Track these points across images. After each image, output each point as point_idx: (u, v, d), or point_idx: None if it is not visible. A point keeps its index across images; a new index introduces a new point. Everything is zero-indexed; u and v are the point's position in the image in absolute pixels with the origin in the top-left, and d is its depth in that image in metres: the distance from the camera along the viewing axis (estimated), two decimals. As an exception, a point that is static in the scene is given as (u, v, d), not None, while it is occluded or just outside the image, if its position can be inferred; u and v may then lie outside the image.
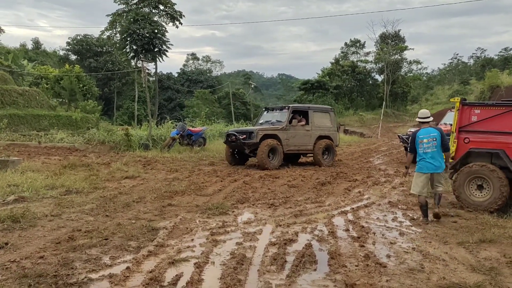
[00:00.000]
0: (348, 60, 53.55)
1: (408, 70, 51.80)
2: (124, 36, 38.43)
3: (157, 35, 38.50)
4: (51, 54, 56.58)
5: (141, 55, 37.45)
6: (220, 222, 6.21)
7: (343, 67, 50.39)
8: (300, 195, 8.61)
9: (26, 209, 6.37)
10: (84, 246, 4.88)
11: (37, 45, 57.59)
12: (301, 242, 5.31)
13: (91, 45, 51.33)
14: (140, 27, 37.05)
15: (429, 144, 6.52)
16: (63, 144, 16.68)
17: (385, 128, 34.79)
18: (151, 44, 38.14)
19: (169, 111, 46.98)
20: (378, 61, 48.98)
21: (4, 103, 22.97)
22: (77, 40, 52.19)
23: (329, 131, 14.14)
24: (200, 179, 10.24)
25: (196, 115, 36.14)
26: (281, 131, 13.05)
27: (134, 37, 37.16)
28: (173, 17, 42.15)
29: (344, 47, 55.63)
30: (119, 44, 42.38)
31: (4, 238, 5.08)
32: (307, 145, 13.61)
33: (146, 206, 7.23)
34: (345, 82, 50.10)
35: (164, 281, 3.96)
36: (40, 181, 8.57)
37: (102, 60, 49.75)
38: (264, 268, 4.37)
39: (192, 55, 73.32)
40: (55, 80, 33.78)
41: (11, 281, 3.81)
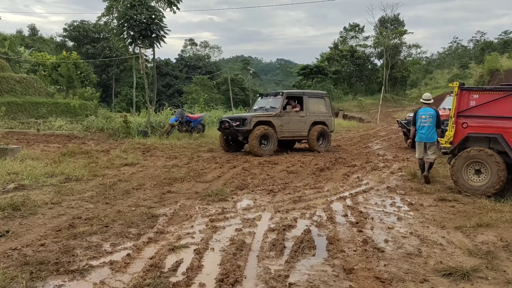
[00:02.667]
0: (347, 44, 53.28)
1: (407, 54, 51.59)
2: (121, 22, 38.12)
3: (155, 21, 38.18)
4: (48, 41, 56.15)
5: (139, 41, 37.16)
6: (220, 209, 6.25)
7: (342, 52, 50.16)
8: (299, 181, 8.65)
9: (26, 197, 6.39)
10: (84, 234, 4.92)
11: (34, 32, 57.16)
12: (300, 228, 5.36)
13: (88, 31, 51.03)
14: (137, 13, 36.73)
15: (426, 120, 8.40)
16: (62, 131, 16.68)
17: (384, 113, 34.80)
18: (148, 30, 37.84)
19: (167, 98, 46.85)
20: (377, 46, 48.76)
21: (2, 91, 22.89)
22: (74, 26, 51.85)
23: (324, 117, 14.06)
24: (199, 166, 10.27)
25: (194, 101, 36.08)
26: (275, 117, 12.98)
27: (131, 23, 36.87)
28: (170, 2, 41.74)
29: (343, 31, 55.32)
30: (116, 30, 42.08)
31: (5, 226, 5.11)
32: (302, 131, 13.55)
33: (146, 193, 7.27)
34: (344, 67, 49.96)
35: (164, 267, 4.00)
36: (39, 169, 8.59)
37: (100, 46, 49.49)
38: (263, 254, 4.42)
39: (190, 41, 72.89)
40: (52, 67, 33.59)
41: (13, 269, 3.85)
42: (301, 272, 3.98)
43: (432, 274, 3.95)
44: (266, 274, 3.89)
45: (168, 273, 3.89)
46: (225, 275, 3.79)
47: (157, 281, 3.67)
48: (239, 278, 3.76)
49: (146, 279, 3.70)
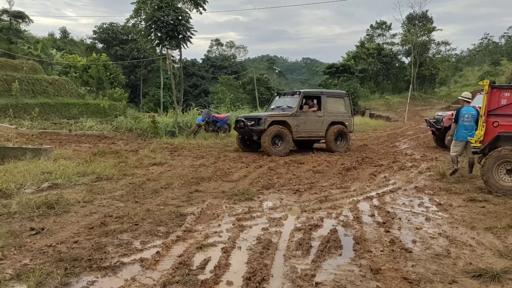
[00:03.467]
0: (374, 42, 52.58)
1: (436, 52, 50.58)
2: (149, 23, 38.51)
3: (181, 22, 38.41)
4: (78, 43, 57.58)
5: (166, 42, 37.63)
6: (246, 208, 6.32)
7: (368, 50, 49.55)
8: (325, 181, 8.64)
9: (59, 195, 6.61)
10: (115, 231, 5.06)
11: (65, 34, 58.71)
12: (326, 228, 5.36)
13: (117, 33, 52.02)
14: (164, 14, 37.07)
15: (468, 119, 8.52)
16: (93, 131, 17.10)
17: (412, 112, 34.20)
18: (175, 31, 38.10)
19: (194, 98, 47.36)
20: (405, 43, 47.95)
21: (35, 92, 23.63)
22: (103, 29, 52.97)
23: (343, 117, 13.79)
24: (226, 165, 10.36)
25: (220, 101, 36.32)
26: (290, 117, 12.81)
27: (158, 24, 37.19)
28: (196, 3, 41.98)
29: (370, 29, 54.64)
30: (144, 32, 42.55)
31: (41, 224, 5.31)
32: (319, 132, 13.34)
33: (174, 192, 7.40)
34: (371, 65, 49.34)
35: (192, 265, 4.09)
36: (71, 168, 8.85)
37: (128, 48, 50.40)
38: (289, 253, 4.45)
39: (216, 41, 73.31)
40: (83, 68, 34.46)
41: (48, 265, 4.01)
42: (327, 272, 4.00)
43: (461, 275, 3.90)
44: (293, 273, 3.93)
45: (196, 270, 3.97)
46: (252, 273, 3.84)
47: (185, 278, 3.75)
48: (266, 276, 3.80)
49: (175, 276, 3.79)
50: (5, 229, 5.03)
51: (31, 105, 20.95)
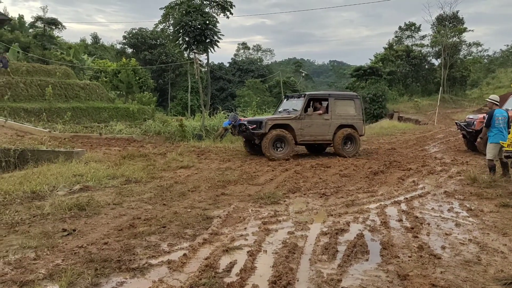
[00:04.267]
0: (402, 44, 51.75)
1: (467, 53, 49.28)
2: (177, 28, 39.28)
3: (209, 26, 39.02)
4: (108, 48, 58.95)
5: (193, 47, 38.15)
6: (272, 211, 6.33)
7: (397, 52, 48.80)
8: (352, 185, 8.56)
9: (90, 197, 6.79)
10: (144, 233, 5.16)
11: (96, 40, 60.19)
12: (353, 232, 5.32)
13: (146, 38, 52.98)
14: (192, 19, 37.71)
15: (502, 121, 8.54)
16: (122, 135, 17.45)
17: (442, 115, 33.46)
18: (202, 35, 38.73)
19: (221, 101, 47.73)
20: (435, 45, 46.97)
21: (68, 97, 24.32)
22: (132, 34, 54.05)
23: (353, 120, 13.32)
24: (252, 169, 10.40)
25: (247, 104, 36.50)
26: (294, 120, 12.53)
27: (186, 29, 37.89)
28: (223, 8, 42.51)
29: (398, 31, 53.79)
30: (172, 36, 43.39)
31: (72, 225, 5.47)
32: (325, 135, 12.95)
33: (201, 195, 7.48)
34: (400, 67, 48.55)
35: (219, 268, 4.13)
36: (102, 171, 9.06)
37: (156, 52, 51.24)
38: (315, 257, 4.44)
39: (243, 45, 73.83)
40: (113, 73, 35.26)
41: (79, 265, 4.12)
42: (354, 277, 3.97)
43: (492, 283, 3.81)
44: (319, 277, 3.92)
45: (223, 273, 4.01)
46: (278, 277, 3.85)
47: (212, 281, 3.79)
48: (291, 280, 3.81)
49: (201, 278, 3.84)
50: (38, 230, 5.21)
51: (63, 109, 21.59)
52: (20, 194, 7.01)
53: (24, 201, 6.67)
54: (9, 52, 30.24)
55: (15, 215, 5.82)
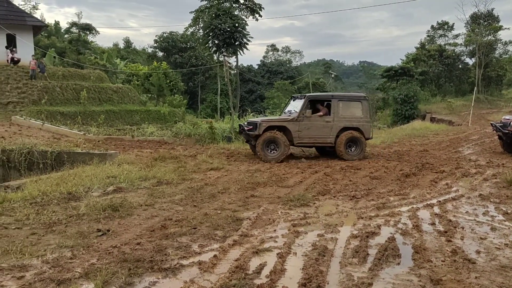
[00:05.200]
0: (435, 44, 50.62)
1: (503, 52, 47.65)
2: (207, 31, 39.81)
3: (238, 29, 39.37)
4: (140, 52, 60.17)
5: (223, 49, 38.51)
6: (302, 214, 6.32)
7: (429, 52, 47.77)
8: (382, 187, 8.45)
9: (123, 199, 6.96)
10: (175, 234, 5.25)
11: (128, 44, 61.59)
12: (384, 235, 5.26)
13: (176, 42, 53.77)
14: (221, 22, 38.12)
15: None
16: (154, 137, 17.76)
17: (477, 115, 32.53)
18: (232, 38, 39.10)
19: (250, 103, 47.93)
20: (469, 44, 45.69)
21: (101, 100, 24.96)
22: (163, 38, 54.96)
23: (358, 122, 12.72)
24: (281, 171, 10.40)
25: (276, 106, 36.51)
26: (291, 122, 12.30)
27: (216, 32, 38.35)
28: (252, 10, 42.80)
29: (431, 30, 52.61)
30: (202, 40, 44.00)
31: (106, 226, 5.62)
32: (326, 138, 12.55)
33: (230, 196, 7.55)
34: (432, 67, 47.51)
35: (249, 269, 4.16)
36: (134, 173, 9.26)
37: (187, 55, 51.92)
38: (345, 260, 4.42)
39: (272, 46, 73.97)
40: (144, 77, 35.96)
41: (113, 265, 4.24)
42: (385, 281, 3.93)
43: (529, 289, 3.70)
44: (349, 280, 3.89)
45: (253, 275, 4.04)
46: (308, 279, 3.85)
47: (242, 282, 3.83)
48: (321, 283, 3.80)
49: (232, 280, 3.88)
50: (74, 230, 5.38)
51: (97, 112, 22.15)
52: (57, 195, 7.25)
53: (61, 202, 6.90)
54: (46, 57, 31.28)
55: (52, 215, 6.03)
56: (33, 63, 22.72)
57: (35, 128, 17.33)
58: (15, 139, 13.64)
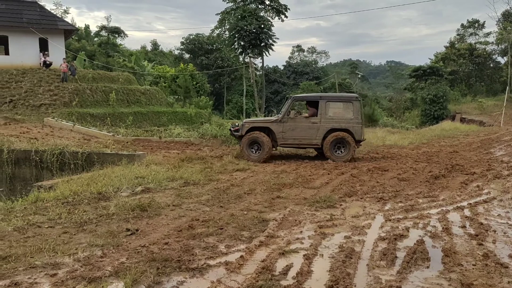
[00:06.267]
0: (465, 42, 49.52)
1: (537, 49, 46.25)
2: (233, 33, 40.10)
3: (263, 30, 39.48)
4: (167, 54, 60.98)
5: (249, 51, 38.65)
6: (328, 215, 6.28)
7: (459, 51, 46.77)
8: (411, 189, 8.31)
9: (151, 199, 7.08)
10: (202, 235, 5.31)
11: (155, 47, 62.51)
12: (413, 238, 5.18)
13: (203, 44, 54.25)
14: (247, 23, 38.30)
15: None
16: (180, 138, 17.99)
17: (509, 116, 31.65)
18: (257, 39, 39.25)
19: (275, 104, 47.88)
20: (501, 42, 44.51)
21: (129, 102, 25.44)
22: (190, 40, 55.54)
23: (348, 123, 12.33)
24: (307, 172, 10.37)
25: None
26: (275, 123, 12.37)
27: (241, 34, 38.57)
28: (278, 11, 42.87)
29: (461, 28, 51.59)
30: (228, 41, 44.33)
31: (135, 225, 5.73)
32: (312, 139, 12.36)
33: (256, 197, 7.56)
34: (462, 66, 46.52)
35: (275, 270, 4.17)
36: (162, 174, 9.39)
37: (213, 57, 52.32)
38: (373, 263, 4.37)
39: (298, 47, 73.91)
40: (171, 78, 36.45)
41: (142, 264, 4.31)
42: (414, 284, 3.87)
43: None
44: (377, 283, 3.85)
45: (279, 276, 4.04)
46: (335, 282, 3.83)
47: (268, 283, 3.84)
48: (348, 286, 3.77)
49: (258, 280, 3.89)
50: (104, 229, 5.50)
51: (125, 114, 22.59)
52: (88, 195, 7.44)
53: (91, 202, 7.07)
54: (76, 60, 32.08)
55: (83, 215, 6.19)
56: (65, 66, 23.37)
57: (67, 130, 17.81)
58: (47, 140, 14.05)
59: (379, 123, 29.88)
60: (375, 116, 31.37)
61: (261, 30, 39.19)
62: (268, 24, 40.59)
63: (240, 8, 41.56)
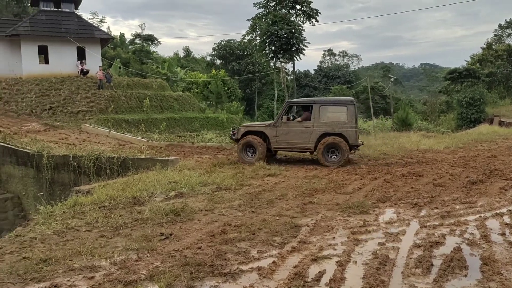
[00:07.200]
0: (503, 43, 47.94)
1: None
2: (264, 38, 40.24)
3: (294, 35, 39.45)
4: (199, 60, 61.86)
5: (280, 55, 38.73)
6: (361, 221, 6.21)
7: (497, 52, 45.29)
8: (447, 195, 8.10)
9: (184, 204, 7.18)
10: (234, 240, 5.34)
11: (188, 53, 63.55)
12: (449, 245, 5.05)
13: (234, 49, 54.74)
14: (278, 28, 38.37)
15: None
16: (212, 143, 18.17)
17: (552, 118, 30.36)
18: (288, 44, 39.24)
19: (307, 109, 47.63)
20: (541, 42, 42.88)
21: (163, 108, 25.94)
22: (221, 46, 56.15)
23: (342, 128, 12.17)
24: (340, 177, 10.27)
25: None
26: (268, 127, 12.65)
27: (272, 39, 38.64)
28: (309, 15, 42.78)
29: (498, 29, 49.98)
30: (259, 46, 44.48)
31: (169, 230, 5.83)
32: (305, 143, 12.40)
33: (288, 203, 7.55)
34: (500, 68, 45.02)
35: (308, 276, 4.15)
36: (194, 178, 9.51)
37: (244, 62, 52.69)
38: (408, 271, 4.28)
39: (329, 51, 73.47)
40: (203, 84, 36.93)
41: (176, 268, 4.38)
42: (450, 293, 3.78)
43: None
44: (412, 291, 3.78)
45: (312, 282, 4.02)
46: (368, 289, 3.78)
47: (301, 289, 3.83)
48: (382, 293, 3.72)
49: (291, 286, 3.89)
50: (139, 233, 5.63)
51: (159, 120, 23.05)
52: (123, 199, 7.63)
53: (127, 206, 7.24)
54: (112, 68, 32.98)
55: (119, 219, 6.35)
56: (101, 74, 24.08)
57: (103, 135, 18.32)
58: (84, 146, 14.49)
59: (413, 127, 29.25)
60: (409, 120, 30.73)
61: (292, 35, 39.16)
62: (299, 28, 40.53)
63: (271, 13, 41.69)
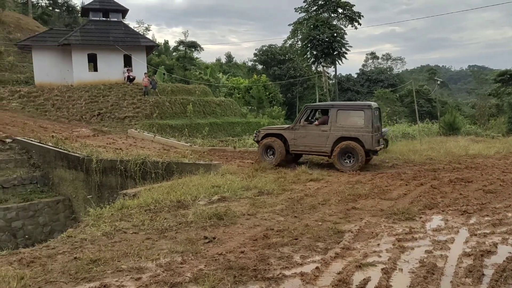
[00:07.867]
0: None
1: None
2: (305, 42, 40.18)
3: (336, 39, 39.13)
4: (241, 66, 62.45)
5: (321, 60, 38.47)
6: (407, 228, 6.05)
7: (552, 52, 43.01)
8: (498, 202, 7.75)
9: (227, 208, 7.25)
10: (277, 244, 5.34)
11: (229, 59, 64.30)
12: (502, 255, 4.83)
13: (275, 54, 54.93)
14: (320, 33, 38.20)
15: None
16: (254, 148, 18.20)
17: None
18: (330, 48, 38.96)
19: (349, 113, 47.03)
20: None
21: (205, 113, 26.35)
22: (262, 51, 56.50)
23: (358, 132, 12.01)
24: (384, 182, 10.04)
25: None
26: (287, 130, 12.90)
27: (314, 43, 38.51)
28: (351, 19, 42.31)
29: (554, 27, 47.45)
30: (300, 51, 44.45)
31: (212, 233, 5.91)
32: (321, 147, 12.36)
33: (331, 208, 7.47)
34: (556, 69, 42.68)
35: (352, 284, 4.09)
36: (237, 183, 9.59)
37: (285, 67, 52.76)
38: (457, 280, 4.14)
39: (372, 54, 72.27)
40: (245, 90, 37.23)
41: (219, 272, 4.43)
42: (503, 305, 3.61)
43: None
44: (462, 302, 3.65)
45: (356, 289, 3.96)
46: (415, 298, 3.68)
47: (345, 296, 3.77)
48: (430, 303, 3.61)
49: (335, 293, 3.85)
50: (184, 236, 5.73)
51: (202, 125, 23.43)
52: (168, 203, 7.79)
53: (171, 209, 7.40)
54: (156, 74, 33.87)
55: (164, 222, 6.50)
56: (146, 80, 24.78)
57: (148, 140, 18.81)
58: (131, 150, 14.94)
59: (461, 131, 28.22)
60: (457, 124, 29.63)
61: (333, 38, 38.87)
62: (341, 32, 40.19)
63: (313, 17, 41.56)
